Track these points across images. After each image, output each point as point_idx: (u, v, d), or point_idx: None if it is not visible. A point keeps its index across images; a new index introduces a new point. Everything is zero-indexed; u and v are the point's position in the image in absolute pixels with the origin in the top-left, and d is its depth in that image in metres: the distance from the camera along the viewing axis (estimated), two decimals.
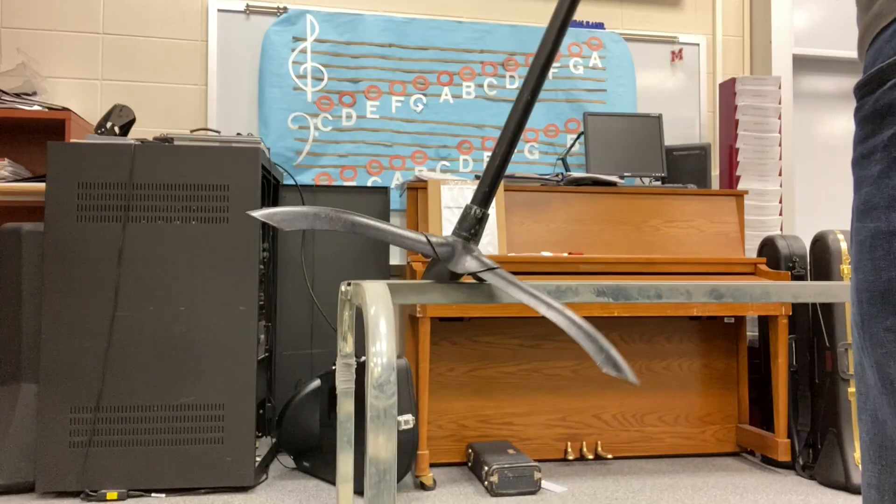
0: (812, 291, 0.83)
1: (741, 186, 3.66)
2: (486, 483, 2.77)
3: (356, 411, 2.83)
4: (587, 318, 3.28)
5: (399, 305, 3.57)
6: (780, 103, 3.69)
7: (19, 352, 2.77)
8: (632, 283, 0.81)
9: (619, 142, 3.50)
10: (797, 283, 0.86)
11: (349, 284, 0.90)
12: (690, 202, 3.34)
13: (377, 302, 0.69)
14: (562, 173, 3.47)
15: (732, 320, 3.39)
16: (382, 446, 0.66)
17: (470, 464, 3.05)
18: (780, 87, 3.68)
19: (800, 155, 4.25)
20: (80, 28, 3.47)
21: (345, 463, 1.15)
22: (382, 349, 0.67)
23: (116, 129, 2.93)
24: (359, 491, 2.74)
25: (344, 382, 1.07)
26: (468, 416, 3.17)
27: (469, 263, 0.99)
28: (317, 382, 3.00)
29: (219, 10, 3.57)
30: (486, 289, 0.79)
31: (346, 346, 1.02)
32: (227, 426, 2.71)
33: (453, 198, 3.10)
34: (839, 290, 0.86)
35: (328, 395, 2.94)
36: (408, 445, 2.67)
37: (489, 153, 3.76)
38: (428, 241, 0.98)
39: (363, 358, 2.88)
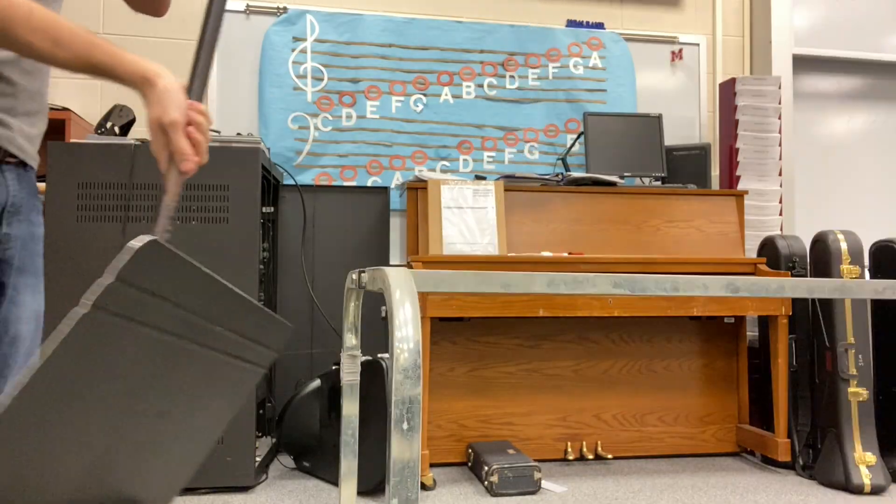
0: (828, 287, 0.83)
1: (741, 186, 3.67)
2: (486, 483, 2.76)
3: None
4: (588, 319, 3.28)
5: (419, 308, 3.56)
6: (780, 103, 3.69)
7: None
8: (648, 276, 0.81)
9: (619, 142, 3.51)
10: (813, 279, 0.86)
11: (362, 272, 0.89)
12: (690, 202, 3.34)
13: (401, 286, 0.69)
14: (562, 173, 3.47)
15: (732, 320, 3.39)
16: (407, 438, 0.65)
17: (470, 464, 3.05)
18: (780, 87, 3.69)
19: (800, 155, 4.25)
20: None
21: (348, 461, 1.15)
22: (408, 334, 0.67)
23: (116, 129, 2.93)
24: (362, 491, 2.74)
25: (349, 375, 1.06)
26: (468, 416, 3.17)
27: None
28: (317, 382, 2.99)
29: None
30: (497, 277, 0.79)
31: (352, 338, 1.02)
32: (227, 426, 2.70)
33: (453, 198, 3.10)
34: (854, 287, 0.86)
35: (328, 395, 2.94)
36: None
37: (489, 153, 3.76)
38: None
39: (363, 357, 2.88)
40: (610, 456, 3.18)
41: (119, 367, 0.79)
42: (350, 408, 1.10)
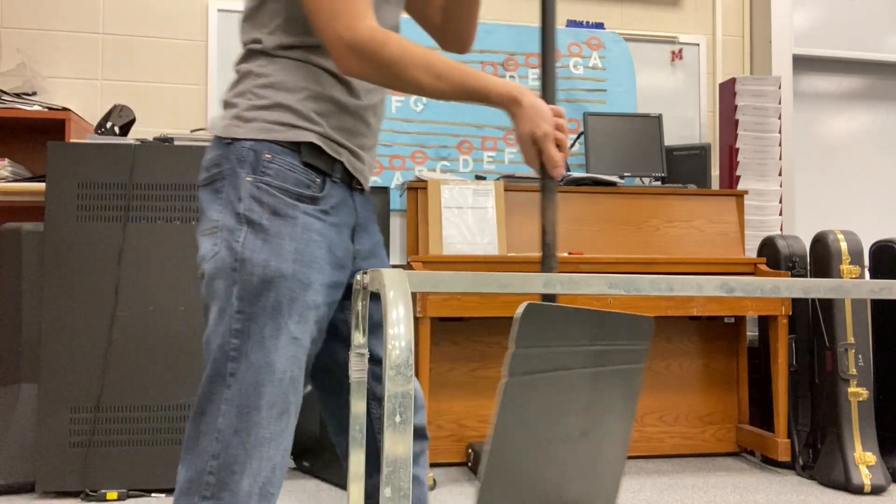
0: (823, 287, 0.83)
1: (741, 186, 3.67)
2: None
3: None
4: None
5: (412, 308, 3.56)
6: (780, 103, 3.69)
7: (19, 352, 2.77)
8: (643, 276, 0.82)
9: (619, 142, 3.51)
10: (808, 279, 0.87)
11: (364, 273, 0.94)
12: (690, 202, 3.34)
13: (395, 287, 0.73)
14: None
15: (732, 320, 3.39)
16: (400, 432, 0.68)
17: (470, 464, 3.05)
18: (780, 87, 3.69)
19: (800, 155, 4.25)
20: (80, 28, 3.47)
21: (356, 460, 1.15)
22: (401, 332, 0.70)
23: (116, 129, 2.93)
24: None
25: (357, 373, 1.08)
26: (468, 416, 3.17)
27: None
28: None
29: (219, 10, 3.57)
30: (494, 278, 0.80)
31: (359, 336, 1.05)
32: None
33: (453, 198, 3.10)
34: (850, 287, 0.86)
35: None
36: None
37: (489, 153, 3.76)
38: None
39: None
40: None
41: (550, 409, 0.99)
42: (358, 405, 1.12)
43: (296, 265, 1.15)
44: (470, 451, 3.05)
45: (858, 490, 2.77)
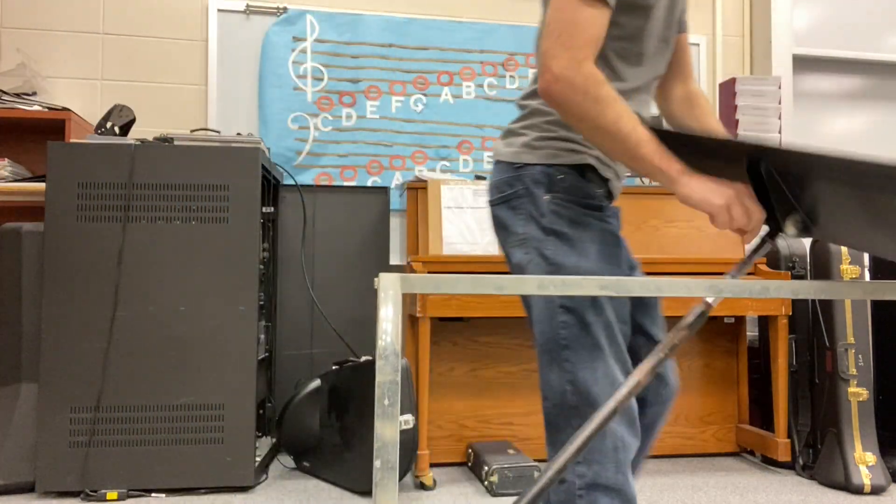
0: (813, 288, 0.83)
1: None
2: (486, 483, 2.77)
3: (365, 412, 2.84)
4: None
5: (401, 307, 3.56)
6: (780, 103, 3.69)
7: (19, 352, 2.77)
8: (634, 278, 0.82)
9: None
10: (797, 280, 0.87)
11: (376, 277, 1.04)
12: None
13: (387, 288, 0.80)
14: None
15: (732, 320, 3.39)
16: (388, 414, 0.76)
17: (470, 464, 3.05)
18: (780, 87, 3.68)
19: None
20: (80, 28, 3.47)
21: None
22: (388, 328, 0.82)
23: (116, 129, 2.94)
24: (364, 490, 2.74)
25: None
26: (468, 416, 3.18)
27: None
28: (317, 382, 3.00)
29: (219, 10, 3.57)
30: (491, 280, 0.82)
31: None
32: (227, 426, 2.71)
33: (453, 198, 3.10)
34: (840, 288, 0.86)
35: (328, 395, 2.94)
36: (408, 445, 2.67)
37: (489, 153, 3.76)
38: None
39: (363, 358, 2.88)
40: None
41: None
42: None
43: (600, 263, 1.34)
44: (470, 451, 3.05)
45: (858, 490, 2.77)
